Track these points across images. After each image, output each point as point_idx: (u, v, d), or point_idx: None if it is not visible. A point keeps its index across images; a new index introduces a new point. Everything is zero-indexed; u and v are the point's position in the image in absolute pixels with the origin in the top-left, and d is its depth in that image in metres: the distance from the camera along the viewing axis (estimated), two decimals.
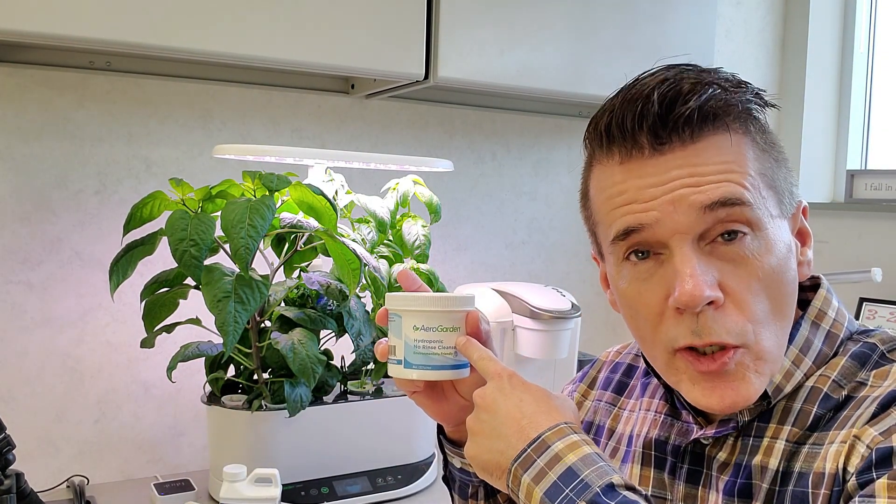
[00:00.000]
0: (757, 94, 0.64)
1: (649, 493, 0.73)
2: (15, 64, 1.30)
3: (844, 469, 0.58)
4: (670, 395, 0.74)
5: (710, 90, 0.61)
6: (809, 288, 0.70)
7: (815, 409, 0.63)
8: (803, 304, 0.69)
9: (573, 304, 1.48)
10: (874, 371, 0.63)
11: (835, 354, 0.66)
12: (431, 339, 0.71)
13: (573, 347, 1.53)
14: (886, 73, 2.01)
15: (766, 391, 0.64)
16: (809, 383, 0.65)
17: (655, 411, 0.76)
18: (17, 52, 1.29)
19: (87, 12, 1.08)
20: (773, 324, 0.62)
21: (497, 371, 0.68)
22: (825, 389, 0.64)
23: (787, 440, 0.63)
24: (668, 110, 0.61)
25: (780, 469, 0.63)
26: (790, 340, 0.65)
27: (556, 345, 1.46)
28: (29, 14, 1.05)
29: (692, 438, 0.69)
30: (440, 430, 0.81)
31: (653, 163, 0.62)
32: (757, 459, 0.64)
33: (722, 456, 0.67)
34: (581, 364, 1.59)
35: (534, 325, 1.44)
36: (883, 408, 0.59)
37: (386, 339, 0.74)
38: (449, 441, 0.80)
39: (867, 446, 0.57)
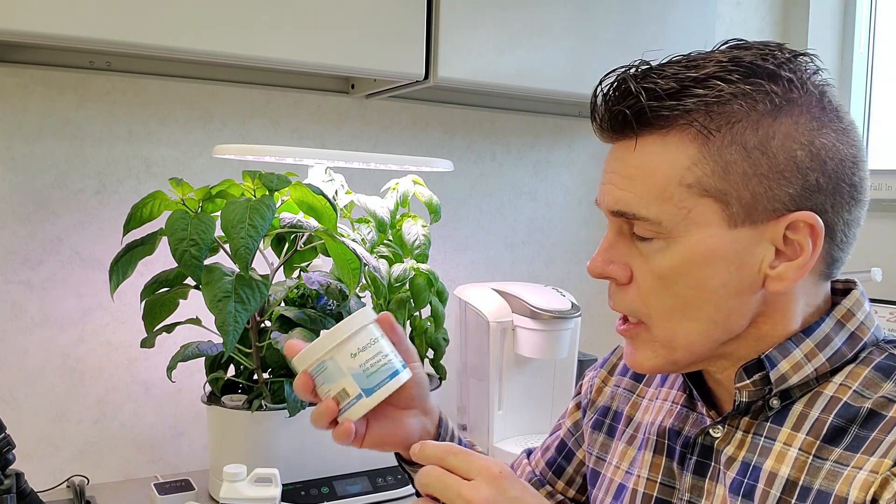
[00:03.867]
0: (753, 89, 0.61)
1: (659, 480, 0.73)
2: (15, 64, 1.30)
3: (874, 501, 0.57)
4: (688, 386, 0.75)
5: (651, 91, 0.62)
6: (842, 292, 0.69)
7: (831, 419, 0.62)
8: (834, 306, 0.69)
9: (573, 304, 1.48)
10: None
11: (854, 358, 0.65)
12: (375, 353, 0.70)
13: (573, 347, 1.53)
14: (886, 73, 2.01)
15: (768, 376, 0.64)
16: (827, 391, 0.64)
17: (672, 401, 0.76)
18: (18, 52, 1.29)
19: (87, 12, 1.08)
20: (678, 319, 0.65)
21: (487, 469, 0.62)
22: (845, 399, 0.62)
23: (800, 449, 0.62)
24: (613, 106, 0.65)
25: (793, 479, 0.62)
26: (808, 333, 0.65)
27: (556, 345, 1.46)
28: (29, 14, 1.05)
29: (701, 428, 0.70)
30: (398, 456, 0.81)
31: (613, 148, 0.68)
32: (767, 464, 0.64)
33: (730, 450, 0.67)
34: (581, 364, 1.59)
35: (534, 325, 1.44)
36: None
37: (293, 340, 0.73)
38: (408, 462, 0.79)
39: None
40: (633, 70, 0.65)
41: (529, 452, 1.00)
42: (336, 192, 1.35)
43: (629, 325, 0.69)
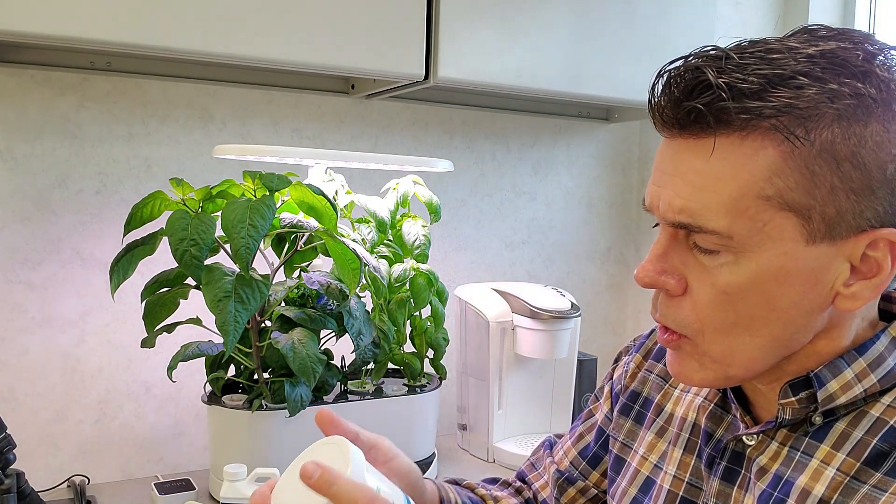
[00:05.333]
0: (847, 91, 0.54)
1: (687, 480, 0.71)
2: (15, 64, 1.30)
3: None
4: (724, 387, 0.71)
5: (744, 80, 0.54)
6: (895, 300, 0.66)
7: (875, 441, 0.58)
8: (890, 317, 0.65)
9: (573, 304, 1.48)
10: None
11: None
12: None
13: (573, 347, 1.53)
14: None
15: (815, 395, 0.60)
16: (874, 412, 0.59)
17: (705, 397, 0.73)
18: (18, 52, 1.29)
19: (87, 12, 1.08)
20: (736, 335, 0.60)
21: None
22: (892, 422, 0.58)
23: (838, 469, 0.59)
24: (683, 99, 0.57)
25: (825, 498, 0.58)
26: (862, 352, 0.60)
27: (556, 344, 1.46)
28: (29, 14, 1.05)
29: (735, 435, 0.67)
30: None
31: (672, 144, 0.61)
32: (801, 480, 0.60)
33: (762, 460, 0.64)
34: (581, 364, 1.59)
35: (534, 325, 1.44)
36: None
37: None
38: None
39: None
40: (706, 59, 0.57)
41: (552, 444, 0.94)
42: (336, 193, 1.35)
43: (672, 336, 0.63)
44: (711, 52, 0.57)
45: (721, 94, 0.55)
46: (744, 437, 0.66)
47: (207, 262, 1.12)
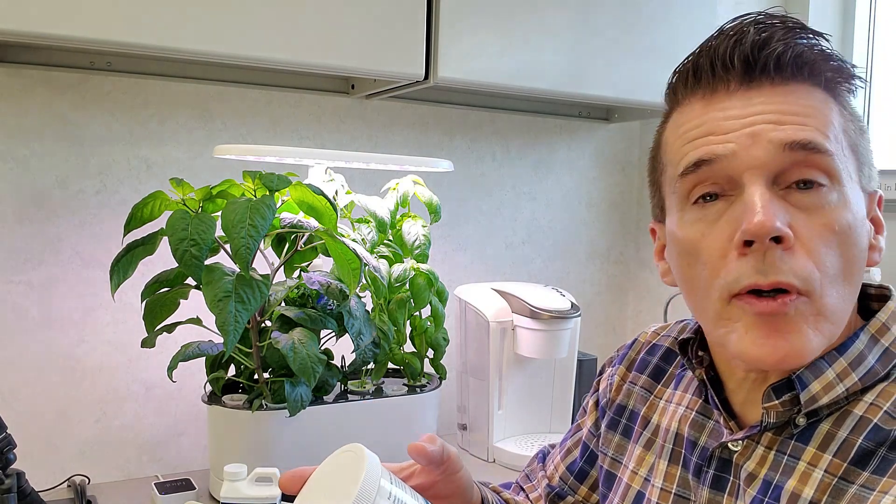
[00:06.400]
0: (846, 63, 0.62)
1: (674, 491, 0.70)
2: (15, 64, 1.30)
3: None
4: (704, 391, 0.70)
5: (806, 39, 0.61)
6: (876, 298, 0.66)
7: (860, 441, 0.58)
8: (868, 313, 0.65)
9: (573, 304, 1.48)
10: None
11: (886, 376, 0.61)
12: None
13: (573, 347, 1.53)
14: (886, 73, 2.01)
15: (797, 397, 0.60)
16: (857, 410, 0.60)
17: (687, 407, 0.72)
18: (18, 52, 1.29)
19: (87, 12, 1.08)
20: (842, 284, 0.59)
21: None
22: (875, 420, 0.58)
23: (825, 470, 0.59)
24: (761, 48, 0.60)
25: (815, 501, 0.58)
26: (842, 351, 0.61)
27: (556, 344, 1.46)
28: (29, 14, 1.05)
29: (720, 442, 0.66)
30: None
31: (738, 97, 0.61)
32: (790, 484, 0.60)
33: (750, 466, 0.63)
34: (581, 364, 1.59)
35: (534, 325, 1.44)
36: None
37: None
38: None
39: None
40: (770, 20, 0.61)
41: (545, 456, 0.94)
42: (336, 193, 1.35)
43: (792, 296, 0.57)
44: (760, 17, 0.62)
45: (798, 44, 0.60)
46: (729, 444, 0.65)
47: (207, 262, 1.12)
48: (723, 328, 0.61)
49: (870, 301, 0.66)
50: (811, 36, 0.61)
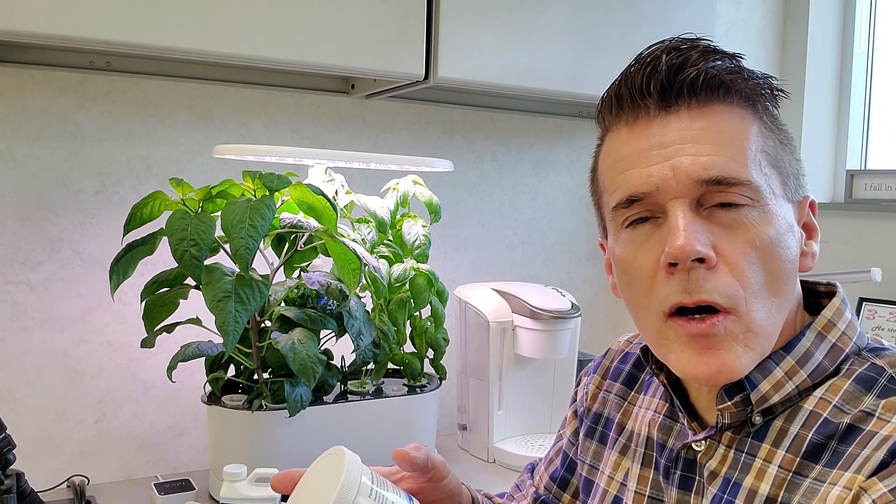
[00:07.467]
0: (765, 77, 0.65)
1: (647, 494, 0.72)
2: (15, 64, 1.30)
3: None
4: (670, 396, 0.73)
5: (719, 62, 0.63)
6: (825, 294, 0.68)
7: (811, 435, 0.60)
8: (815, 310, 0.67)
9: (573, 304, 1.48)
10: (884, 400, 0.59)
11: (836, 371, 0.63)
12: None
13: (573, 347, 1.53)
14: (886, 73, 2.01)
15: (749, 397, 0.63)
16: (807, 406, 0.62)
17: (655, 411, 0.75)
18: (18, 52, 1.29)
19: (87, 12, 1.08)
20: (767, 297, 0.61)
21: None
22: (825, 414, 0.60)
23: (780, 466, 0.61)
24: (675, 73, 0.62)
25: (772, 496, 0.60)
26: (789, 350, 0.63)
27: (556, 345, 1.46)
28: (29, 14, 1.05)
29: (684, 443, 0.69)
30: None
31: (658, 124, 0.63)
32: (747, 481, 0.62)
33: (712, 464, 0.66)
34: (581, 364, 1.59)
35: (534, 325, 1.44)
36: (893, 455, 0.55)
37: None
38: None
39: (873, 501, 0.54)
40: (682, 45, 0.64)
41: (533, 468, 0.97)
42: (336, 193, 1.35)
43: (720, 316, 0.60)
44: (678, 44, 0.64)
45: (713, 67, 0.62)
46: (693, 445, 0.68)
47: (207, 262, 1.12)
48: (662, 347, 0.64)
49: (820, 298, 0.69)
50: (727, 57, 0.64)
